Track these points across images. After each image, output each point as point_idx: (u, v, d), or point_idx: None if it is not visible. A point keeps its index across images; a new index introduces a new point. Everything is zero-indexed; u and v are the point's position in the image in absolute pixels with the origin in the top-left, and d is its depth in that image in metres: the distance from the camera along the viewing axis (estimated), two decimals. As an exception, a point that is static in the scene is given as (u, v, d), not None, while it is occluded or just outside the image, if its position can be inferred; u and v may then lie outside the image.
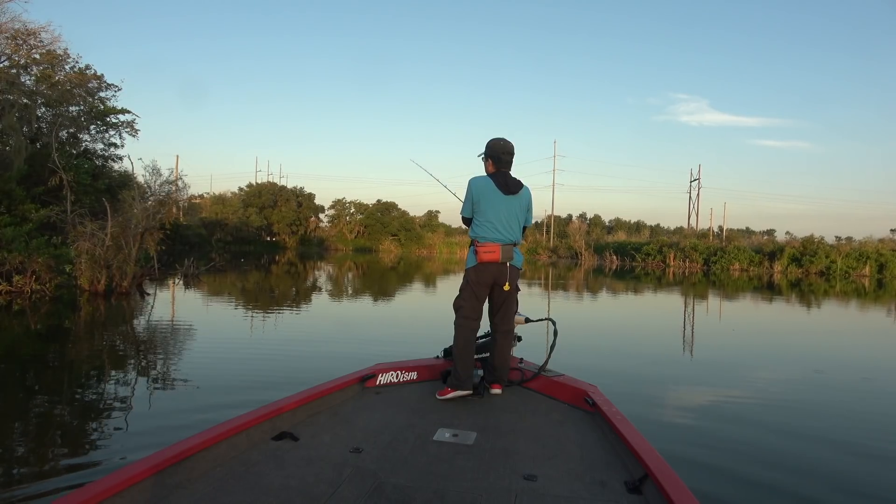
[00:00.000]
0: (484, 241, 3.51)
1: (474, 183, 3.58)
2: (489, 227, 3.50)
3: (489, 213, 3.51)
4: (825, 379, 6.71)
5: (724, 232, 42.54)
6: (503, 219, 3.52)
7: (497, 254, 3.48)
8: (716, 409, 5.14)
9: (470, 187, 3.58)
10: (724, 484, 3.39)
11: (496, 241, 3.49)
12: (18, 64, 14.42)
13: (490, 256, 3.48)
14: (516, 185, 3.59)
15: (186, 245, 34.90)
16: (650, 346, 8.74)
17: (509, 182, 3.56)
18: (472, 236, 3.57)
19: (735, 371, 6.99)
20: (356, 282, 20.05)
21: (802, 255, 32.38)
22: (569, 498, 2.14)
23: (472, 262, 3.56)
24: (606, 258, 39.99)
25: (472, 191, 3.56)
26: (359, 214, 50.81)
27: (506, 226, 3.53)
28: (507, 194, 3.53)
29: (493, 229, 3.50)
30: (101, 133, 17.85)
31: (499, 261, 3.50)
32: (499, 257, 3.48)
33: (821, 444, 4.28)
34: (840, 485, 3.53)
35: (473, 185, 3.57)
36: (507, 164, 3.60)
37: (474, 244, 3.55)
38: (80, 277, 11.08)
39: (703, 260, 35.31)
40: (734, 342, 9.46)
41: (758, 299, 17.93)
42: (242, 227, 43.47)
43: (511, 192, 3.54)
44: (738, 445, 4.14)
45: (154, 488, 2.00)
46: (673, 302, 16.77)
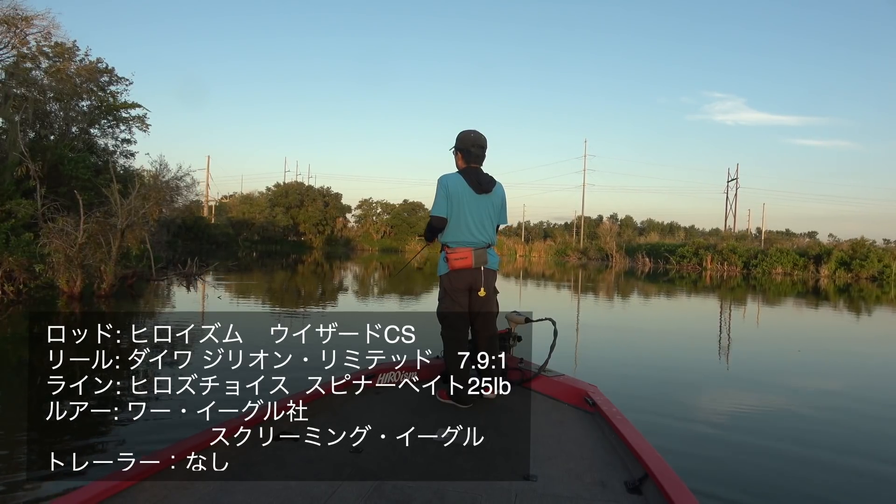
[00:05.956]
0: (455, 245, 3.33)
1: (445, 181, 3.35)
2: (460, 230, 3.33)
3: (460, 214, 3.32)
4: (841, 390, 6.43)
5: (763, 234, 40.77)
6: (475, 220, 3.35)
7: (469, 259, 3.31)
8: (716, 411, 5.23)
9: (441, 185, 3.35)
10: (724, 484, 3.41)
11: (468, 246, 3.33)
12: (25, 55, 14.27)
13: (462, 263, 3.31)
14: (489, 183, 3.39)
15: (214, 244, 35.34)
16: (676, 352, 8.43)
17: (481, 180, 3.36)
18: (443, 241, 3.40)
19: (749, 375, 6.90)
20: (379, 283, 20.02)
21: (852, 258, 30.54)
22: (569, 498, 2.16)
23: (444, 270, 3.40)
24: (638, 260, 38.59)
25: (445, 188, 3.33)
26: (385, 215, 50.58)
27: (479, 228, 3.36)
28: (480, 193, 3.34)
29: (465, 232, 3.33)
30: (112, 128, 17.63)
31: (471, 266, 3.32)
32: (471, 263, 3.32)
33: (821, 445, 4.32)
34: (839, 485, 3.60)
35: (444, 184, 3.34)
36: (478, 157, 3.40)
37: (444, 250, 3.39)
38: (59, 278, 10.46)
39: (742, 263, 33.70)
40: (769, 349, 9.20)
41: (801, 305, 16.96)
42: (269, 226, 43.67)
43: (484, 191, 3.35)
44: (738, 446, 4.19)
45: (154, 488, 2.02)
46: (706, 307, 15.93)
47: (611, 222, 51.60)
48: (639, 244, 42.44)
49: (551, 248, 47.14)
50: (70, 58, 16.03)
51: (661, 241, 43.27)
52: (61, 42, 15.53)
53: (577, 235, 48.70)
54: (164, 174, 14.24)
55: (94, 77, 16.63)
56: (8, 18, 13.22)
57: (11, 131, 12.27)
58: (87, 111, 17.00)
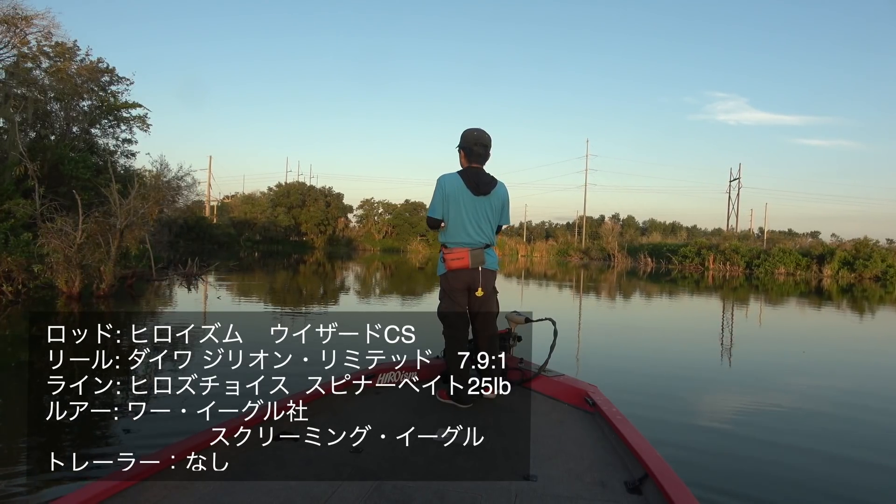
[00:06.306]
0: (452, 246, 3.35)
1: (442, 182, 3.37)
2: (457, 231, 3.35)
3: (457, 216, 3.33)
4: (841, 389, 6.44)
5: (765, 234, 40.68)
6: (472, 222, 3.35)
7: (466, 260, 3.32)
8: (717, 411, 5.22)
9: (439, 186, 3.37)
10: (724, 484, 3.42)
11: (465, 246, 3.34)
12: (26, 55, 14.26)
13: (458, 263, 3.33)
14: (488, 185, 3.36)
15: (216, 244, 35.33)
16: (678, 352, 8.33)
17: (480, 182, 3.34)
18: (441, 241, 3.44)
19: (749, 376, 6.91)
20: (380, 282, 19.95)
21: (855, 258, 30.44)
22: (569, 498, 2.16)
23: (442, 270, 3.43)
24: (640, 260, 38.51)
25: (442, 190, 3.35)
26: (387, 214, 50.51)
27: (475, 229, 3.36)
28: (478, 195, 3.33)
29: (461, 233, 3.34)
30: (113, 127, 17.63)
31: (468, 267, 3.33)
32: (468, 263, 3.33)
33: (822, 445, 4.32)
34: (839, 484, 3.59)
35: (442, 185, 3.36)
36: (480, 156, 3.39)
37: (442, 250, 3.42)
38: (57, 279, 10.37)
39: (745, 263, 33.61)
40: (761, 348, 9.20)
41: (804, 305, 16.87)
42: (271, 226, 43.64)
43: (481, 193, 3.34)
44: (738, 446, 4.18)
45: (154, 488, 2.03)
46: (708, 307, 15.85)
47: (613, 222, 51.48)
48: (641, 244, 42.36)
49: (553, 248, 47.10)
50: (71, 57, 16.02)
51: (663, 241, 43.19)
52: (62, 42, 15.57)
53: (579, 235, 48.59)
54: (165, 174, 14.26)
55: (94, 77, 16.63)
56: (8, 18, 13.24)
57: (11, 131, 12.27)
58: (87, 111, 17.00)
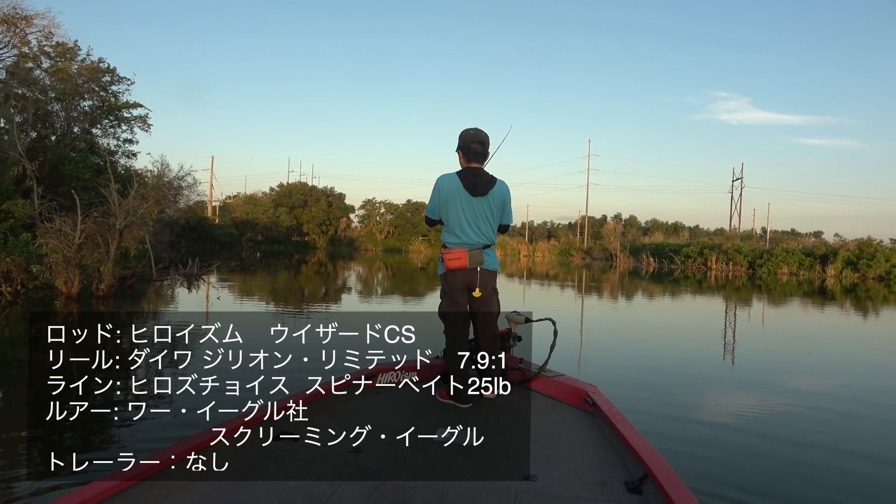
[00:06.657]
0: (451, 246, 3.36)
1: (440, 182, 3.38)
2: (455, 231, 3.35)
3: (455, 217, 3.34)
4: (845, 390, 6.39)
5: (767, 233, 40.57)
6: (471, 221, 3.34)
7: (463, 260, 3.32)
8: (717, 411, 5.22)
9: (436, 187, 3.39)
10: (724, 484, 3.41)
11: (462, 247, 3.33)
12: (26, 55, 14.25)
13: (456, 264, 3.33)
14: (486, 185, 3.34)
15: (217, 244, 35.34)
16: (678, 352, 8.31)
17: (478, 182, 3.32)
18: (442, 241, 3.46)
19: (750, 376, 6.88)
20: (382, 282, 19.93)
21: (858, 258, 30.32)
22: (569, 498, 2.15)
23: (442, 270, 3.43)
24: (643, 260, 38.42)
25: (439, 191, 3.37)
26: (389, 214, 50.49)
27: (473, 229, 3.35)
28: (475, 196, 3.32)
29: (459, 233, 3.34)
30: (114, 127, 17.62)
31: (466, 267, 3.33)
32: (465, 263, 3.32)
33: (822, 446, 4.33)
34: (841, 485, 3.58)
35: (439, 185, 3.37)
36: (479, 155, 3.38)
37: (441, 250, 3.44)
38: (57, 279, 10.30)
39: (747, 263, 33.50)
40: (764, 348, 9.19)
41: (807, 305, 16.79)
42: (273, 226, 43.66)
43: (479, 194, 3.32)
44: (739, 446, 4.18)
45: (154, 488, 2.03)
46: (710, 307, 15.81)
47: (615, 222, 51.45)
48: (643, 244, 42.30)
49: (555, 248, 47.05)
50: (71, 57, 16.02)
51: (665, 240, 43.11)
52: (62, 42, 15.57)
53: (581, 235, 48.55)
54: (165, 174, 14.23)
55: (95, 77, 16.62)
56: (8, 18, 13.23)
57: (11, 131, 12.24)
58: (88, 111, 17.00)
